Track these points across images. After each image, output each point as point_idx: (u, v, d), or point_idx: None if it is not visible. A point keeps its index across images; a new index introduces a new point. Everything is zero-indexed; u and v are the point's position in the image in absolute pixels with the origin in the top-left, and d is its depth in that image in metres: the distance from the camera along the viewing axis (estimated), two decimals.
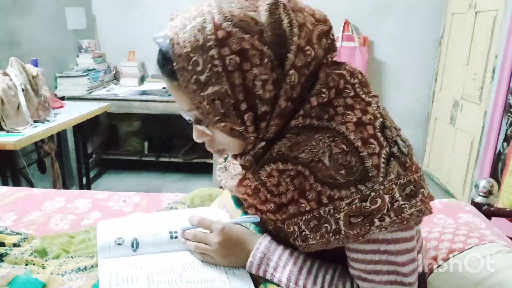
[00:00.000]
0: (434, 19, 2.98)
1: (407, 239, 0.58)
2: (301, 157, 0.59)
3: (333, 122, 0.58)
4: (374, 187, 0.55)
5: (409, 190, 0.56)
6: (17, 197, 1.24)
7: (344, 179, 0.56)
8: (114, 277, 0.66)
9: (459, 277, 0.79)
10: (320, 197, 0.58)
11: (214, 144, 0.66)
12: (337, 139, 0.57)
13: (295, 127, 0.59)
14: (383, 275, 0.59)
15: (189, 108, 0.61)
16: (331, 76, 0.60)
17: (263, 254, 0.67)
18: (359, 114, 0.59)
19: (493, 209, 1.28)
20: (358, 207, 0.56)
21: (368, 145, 0.56)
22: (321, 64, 0.60)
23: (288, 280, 0.65)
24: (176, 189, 2.87)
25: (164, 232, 0.75)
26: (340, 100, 0.60)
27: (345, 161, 0.56)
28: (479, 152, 2.29)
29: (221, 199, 0.89)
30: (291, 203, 0.62)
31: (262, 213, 0.69)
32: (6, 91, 1.77)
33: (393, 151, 0.57)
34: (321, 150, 0.58)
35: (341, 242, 0.58)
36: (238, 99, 0.56)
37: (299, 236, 0.63)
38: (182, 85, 0.57)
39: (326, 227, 0.59)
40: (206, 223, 0.71)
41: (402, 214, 0.55)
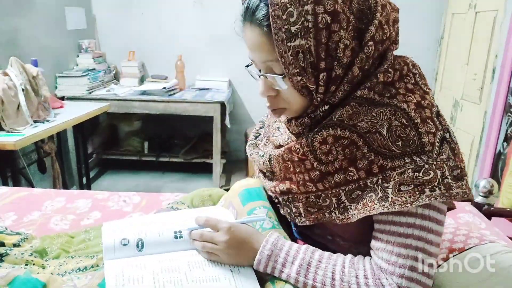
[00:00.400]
0: (434, 19, 2.98)
1: (440, 222, 0.61)
2: (360, 125, 0.62)
3: (394, 100, 0.62)
4: (428, 160, 0.58)
5: (456, 173, 0.60)
6: (17, 197, 1.25)
7: (399, 150, 0.60)
8: (120, 278, 0.66)
9: (459, 277, 0.79)
10: (371, 166, 0.61)
11: (278, 101, 0.68)
12: (398, 114, 0.61)
13: (359, 97, 0.63)
14: (410, 250, 0.60)
15: (269, 58, 0.63)
16: (397, 60, 0.65)
17: (271, 251, 0.67)
18: (419, 98, 0.63)
19: (493, 209, 1.28)
20: (410, 177, 0.59)
21: (426, 124, 0.60)
22: (389, 47, 0.65)
23: (298, 274, 0.65)
24: (176, 189, 2.87)
25: (168, 232, 0.75)
26: (402, 84, 0.64)
27: (403, 133, 0.60)
28: (479, 152, 2.29)
29: (228, 197, 0.89)
30: (338, 172, 0.65)
31: (298, 185, 0.70)
32: (6, 91, 1.77)
33: (445, 136, 0.61)
34: (380, 122, 0.61)
35: (386, 208, 0.60)
36: (319, 57, 0.60)
37: (336, 208, 0.66)
38: (273, 32, 0.60)
39: (371, 196, 0.61)
40: (212, 222, 0.72)
41: (451, 190, 0.58)
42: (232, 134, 3.27)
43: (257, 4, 0.62)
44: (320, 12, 0.57)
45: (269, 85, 0.67)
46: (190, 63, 3.08)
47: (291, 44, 0.59)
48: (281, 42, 0.59)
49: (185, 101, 2.72)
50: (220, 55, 3.16)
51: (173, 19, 3.13)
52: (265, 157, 0.77)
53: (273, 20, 0.59)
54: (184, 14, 3.12)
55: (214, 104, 2.70)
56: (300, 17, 0.58)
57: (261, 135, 0.88)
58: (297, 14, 0.58)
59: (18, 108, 1.84)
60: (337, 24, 0.58)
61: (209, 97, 2.78)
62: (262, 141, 0.85)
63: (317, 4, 0.57)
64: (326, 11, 0.58)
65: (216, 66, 3.21)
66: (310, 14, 0.57)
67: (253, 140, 0.89)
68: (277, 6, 0.58)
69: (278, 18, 0.59)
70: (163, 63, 3.17)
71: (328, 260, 0.66)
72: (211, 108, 2.71)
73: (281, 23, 0.59)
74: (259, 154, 0.80)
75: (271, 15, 0.59)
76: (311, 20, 0.58)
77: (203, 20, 3.13)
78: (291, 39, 0.59)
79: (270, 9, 0.59)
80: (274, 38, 0.60)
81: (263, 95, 0.69)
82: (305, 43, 0.59)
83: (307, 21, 0.58)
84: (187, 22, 3.13)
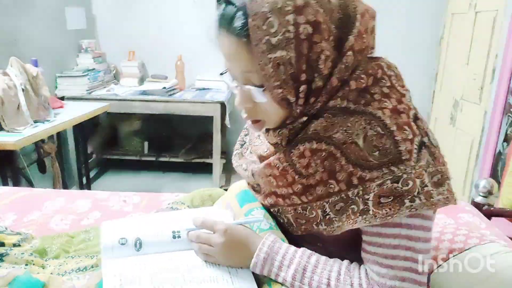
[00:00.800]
0: (434, 19, 2.97)
1: (427, 228, 0.60)
2: (335, 137, 0.61)
3: (369, 107, 0.61)
4: (406, 169, 0.57)
5: (436, 179, 0.58)
6: (17, 197, 1.24)
7: (377, 161, 0.58)
8: (117, 277, 0.66)
9: (459, 277, 0.79)
10: (350, 178, 0.60)
11: (255, 112, 0.66)
12: (373, 122, 0.59)
13: (332, 107, 0.61)
14: (399, 260, 0.60)
15: (247, 69, 0.61)
16: (371, 64, 0.63)
17: (267, 254, 0.67)
18: (395, 103, 0.61)
19: (493, 209, 1.28)
20: (389, 188, 0.57)
21: (402, 130, 0.59)
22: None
23: (293, 278, 0.65)
24: (176, 189, 2.86)
25: (167, 232, 0.75)
26: (377, 88, 0.62)
27: (380, 143, 0.58)
28: (479, 152, 2.29)
29: (225, 198, 0.89)
30: (320, 184, 0.63)
31: (284, 198, 0.70)
32: (6, 91, 1.77)
33: (424, 141, 0.59)
34: (356, 132, 0.60)
35: (368, 222, 0.59)
36: (300, 69, 0.58)
37: (322, 220, 0.65)
38: (253, 43, 0.57)
39: (353, 208, 0.60)
40: (209, 224, 0.71)
41: (431, 198, 0.57)
42: (232, 134, 3.26)
43: (234, 12, 0.59)
44: (302, 22, 0.56)
45: (247, 96, 0.64)
46: (190, 63, 3.08)
47: (271, 56, 0.57)
48: (262, 54, 0.57)
49: (185, 101, 2.72)
50: (220, 55, 3.14)
51: (173, 19, 3.13)
52: (248, 172, 0.76)
53: (252, 30, 0.57)
54: (184, 14, 3.12)
55: (214, 104, 2.70)
56: (281, 27, 0.56)
57: (246, 143, 0.86)
58: (278, 25, 0.56)
59: (18, 108, 1.84)
60: (318, 35, 0.57)
61: (209, 97, 2.78)
62: (248, 149, 0.84)
63: (299, 14, 0.55)
64: (308, 21, 0.56)
65: (216, 66, 3.18)
66: (291, 25, 0.55)
67: (238, 149, 0.87)
68: (257, 16, 0.56)
69: (258, 29, 0.56)
70: (163, 63, 3.17)
71: (324, 266, 0.65)
72: (211, 108, 2.71)
73: (261, 33, 0.56)
74: (243, 167, 0.80)
75: (250, 25, 0.56)
76: (292, 30, 0.56)
77: (203, 20, 3.12)
78: (271, 51, 0.57)
79: (250, 18, 0.56)
80: (254, 50, 0.58)
81: (240, 106, 0.67)
82: (286, 54, 0.57)
83: (288, 32, 0.56)
84: (187, 22, 3.13)
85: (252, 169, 0.74)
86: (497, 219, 1.41)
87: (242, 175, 0.81)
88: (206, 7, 3.11)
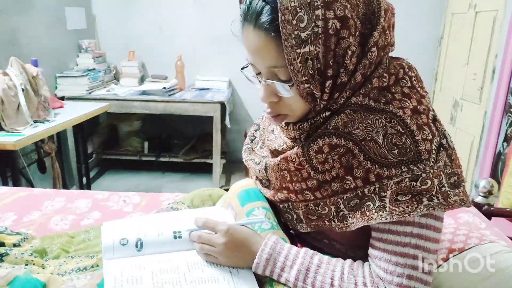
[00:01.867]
0: (434, 19, 2.98)
1: (438, 229, 0.61)
2: (355, 133, 0.61)
3: (390, 106, 0.61)
4: (425, 169, 0.57)
5: (453, 180, 0.59)
6: (17, 197, 1.24)
7: (396, 159, 0.58)
8: (118, 278, 0.66)
9: (459, 277, 0.79)
10: (367, 175, 0.60)
11: (279, 107, 0.66)
12: (393, 121, 0.60)
13: (354, 104, 0.62)
14: (408, 258, 0.60)
15: (274, 64, 0.61)
16: (393, 64, 0.63)
17: (269, 255, 0.67)
18: (415, 103, 0.62)
19: (493, 209, 1.28)
20: (407, 186, 0.58)
21: (422, 131, 0.59)
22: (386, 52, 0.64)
23: (296, 279, 0.65)
24: (176, 189, 2.87)
25: (168, 232, 0.75)
26: (398, 88, 0.63)
27: (400, 142, 0.59)
28: (479, 152, 2.29)
29: (226, 197, 0.89)
30: (335, 180, 0.64)
31: (296, 194, 0.70)
32: (6, 91, 1.77)
33: (442, 142, 0.60)
34: (376, 129, 0.60)
35: (384, 219, 0.59)
36: (327, 64, 0.58)
37: (335, 216, 0.65)
38: (282, 37, 0.57)
39: (368, 205, 0.61)
40: (210, 224, 0.71)
41: (449, 199, 0.58)
42: (232, 134, 3.27)
43: (262, 6, 0.58)
44: (331, 17, 0.56)
45: (272, 91, 0.64)
46: (190, 63, 3.08)
47: (300, 51, 0.57)
48: (291, 49, 0.57)
49: (185, 101, 2.72)
50: (220, 55, 3.16)
51: (173, 19, 3.13)
52: (261, 165, 0.76)
53: (283, 25, 0.56)
54: (184, 14, 3.12)
55: (214, 104, 2.70)
56: (310, 22, 0.56)
57: (257, 138, 0.86)
58: (307, 19, 0.56)
59: (18, 108, 1.84)
60: (346, 30, 0.57)
61: (209, 97, 2.78)
62: (258, 144, 0.84)
63: (328, 9, 0.56)
64: (336, 16, 0.56)
65: (216, 66, 3.21)
66: (320, 20, 0.56)
67: (249, 144, 0.87)
68: (287, 10, 0.56)
69: (288, 23, 0.56)
70: (163, 63, 3.17)
71: (327, 265, 0.65)
72: (211, 108, 2.71)
73: (291, 28, 0.56)
74: (255, 161, 0.79)
75: (280, 20, 0.56)
76: (321, 25, 0.56)
77: (203, 20, 3.13)
78: (301, 46, 0.57)
79: (280, 13, 0.56)
80: (284, 45, 0.57)
81: (264, 101, 0.66)
82: (314, 50, 0.57)
83: (317, 27, 0.56)
84: (187, 22, 3.13)
85: (266, 163, 0.74)
86: (497, 219, 1.41)
87: (252, 169, 0.81)
88: (206, 7, 3.11)
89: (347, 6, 0.57)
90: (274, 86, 0.63)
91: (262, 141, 0.82)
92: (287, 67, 0.59)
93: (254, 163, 0.79)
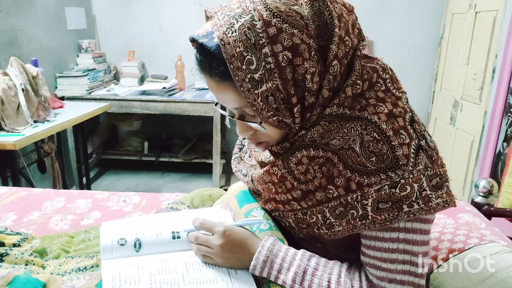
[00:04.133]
0: (434, 19, 2.98)
1: (425, 231, 0.60)
2: (332, 143, 0.60)
3: (365, 112, 0.60)
4: (404, 175, 0.57)
5: (435, 182, 0.58)
6: (17, 197, 1.25)
7: (374, 166, 0.58)
8: (116, 278, 0.66)
9: (459, 277, 0.79)
10: (348, 183, 0.60)
11: (258, 136, 0.67)
12: (369, 128, 0.59)
13: (329, 115, 0.61)
14: (398, 264, 0.60)
15: (238, 106, 0.61)
16: (366, 69, 0.62)
17: (266, 257, 0.67)
18: (390, 106, 0.61)
19: (493, 209, 1.28)
20: (387, 193, 0.57)
21: (399, 135, 0.58)
22: (355, 54, 0.62)
23: (293, 281, 0.65)
24: (176, 189, 2.87)
25: (166, 232, 0.75)
26: (372, 93, 0.62)
27: (376, 149, 0.58)
28: (479, 152, 2.29)
29: (225, 198, 0.89)
30: (319, 190, 0.63)
31: (283, 204, 0.69)
32: (6, 91, 1.77)
33: (421, 144, 0.59)
34: (352, 138, 0.59)
35: (367, 227, 0.59)
36: (289, 93, 0.58)
37: (323, 225, 0.64)
38: (237, 84, 0.57)
39: (353, 213, 0.60)
40: (208, 225, 0.71)
41: (430, 203, 0.57)
42: (232, 134, 3.27)
43: (211, 57, 0.58)
44: (279, 51, 0.55)
45: (246, 126, 0.65)
46: (190, 63, 3.06)
47: (258, 91, 0.56)
48: (248, 92, 0.57)
49: (185, 101, 2.72)
50: None
51: (173, 19, 3.13)
52: (248, 178, 0.77)
53: (234, 73, 0.56)
54: (184, 14, 3.12)
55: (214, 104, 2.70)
56: (260, 62, 0.55)
57: (245, 147, 0.86)
58: (256, 60, 0.55)
59: (18, 108, 1.84)
60: (299, 58, 0.56)
61: (209, 97, 2.77)
62: (247, 153, 0.83)
63: (274, 44, 0.54)
64: (285, 47, 0.55)
65: None
66: (269, 56, 0.55)
67: (237, 153, 0.87)
68: (234, 58, 0.55)
69: (238, 70, 0.56)
70: (163, 63, 3.17)
71: (324, 268, 0.65)
72: (211, 108, 2.71)
73: (242, 74, 0.56)
74: (243, 172, 0.80)
75: (230, 68, 0.56)
76: (272, 61, 0.55)
77: (203, 20, 3.12)
78: (257, 87, 0.56)
79: (227, 62, 0.56)
80: (240, 90, 0.57)
81: (242, 136, 0.68)
82: (272, 85, 0.56)
83: (268, 64, 0.55)
84: (187, 22, 3.13)
85: (252, 175, 0.74)
86: (497, 219, 1.41)
87: (242, 180, 0.81)
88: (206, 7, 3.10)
89: (294, 32, 0.55)
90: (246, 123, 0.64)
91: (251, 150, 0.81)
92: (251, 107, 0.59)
93: (242, 174, 0.80)
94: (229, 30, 0.56)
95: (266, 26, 0.55)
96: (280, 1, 0.56)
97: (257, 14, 0.55)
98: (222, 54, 0.56)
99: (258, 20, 0.55)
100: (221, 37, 0.56)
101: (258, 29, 0.55)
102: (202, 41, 0.58)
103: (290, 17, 0.55)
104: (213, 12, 0.61)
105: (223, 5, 0.60)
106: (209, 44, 0.58)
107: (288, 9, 0.56)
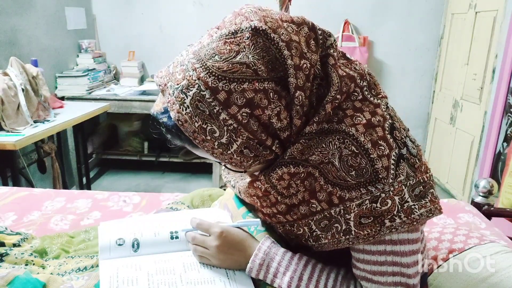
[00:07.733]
0: (434, 19, 2.98)
1: (413, 240, 0.59)
2: (312, 159, 0.59)
3: (342, 124, 0.58)
4: (384, 188, 0.56)
5: (418, 191, 0.57)
6: (17, 197, 1.25)
7: (354, 181, 0.57)
8: (114, 278, 0.66)
9: (459, 277, 0.79)
10: (331, 198, 0.59)
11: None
12: (347, 141, 0.57)
13: (308, 133, 0.59)
14: (388, 276, 0.59)
15: (221, 160, 0.62)
16: (344, 80, 0.60)
17: (262, 260, 0.67)
18: (368, 116, 0.59)
19: (493, 209, 1.28)
20: (368, 208, 0.56)
21: (377, 147, 0.57)
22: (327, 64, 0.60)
23: (289, 286, 0.64)
24: (176, 189, 2.87)
25: (164, 232, 0.75)
26: (349, 103, 0.60)
27: (355, 163, 0.57)
28: (479, 152, 2.29)
29: (222, 199, 0.89)
30: (302, 204, 0.62)
31: (270, 217, 0.69)
32: (6, 91, 1.77)
33: (402, 153, 0.57)
34: (331, 152, 0.58)
35: (351, 243, 0.59)
36: (261, 140, 0.57)
37: (310, 237, 0.64)
38: (208, 153, 0.59)
39: (337, 227, 0.60)
40: (205, 226, 0.71)
41: (412, 215, 0.56)
42: None
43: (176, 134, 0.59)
44: (236, 111, 0.54)
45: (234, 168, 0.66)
46: None
47: (231, 151, 0.57)
48: (222, 156, 0.58)
49: None
50: None
51: (173, 19, 3.13)
52: (236, 190, 0.77)
53: (201, 145, 0.57)
54: (184, 14, 3.12)
55: None
56: (222, 127, 0.55)
57: None
58: (218, 128, 0.55)
59: (18, 108, 1.84)
60: (258, 109, 0.55)
61: None
62: None
63: (229, 107, 0.54)
64: (241, 106, 0.54)
65: None
66: (228, 119, 0.55)
67: None
68: (196, 133, 0.56)
69: (204, 141, 0.57)
70: (163, 63, 3.14)
71: (320, 274, 0.65)
72: None
73: (210, 144, 0.57)
74: (231, 184, 0.80)
75: (197, 143, 0.58)
76: (233, 122, 0.55)
77: (203, 20, 3.13)
78: (228, 148, 0.57)
79: (192, 138, 0.57)
80: (213, 157, 0.59)
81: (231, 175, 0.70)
82: (242, 140, 0.56)
83: (230, 125, 0.55)
84: (187, 22, 3.13)
85: (239, 187, 0.74)
86: (497, 219, 1.41)
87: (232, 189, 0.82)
88: (206, 7, 3.11)
89: (244, 87, 0.53)
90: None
91: None
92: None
93: (231, 185, 0.80)
94: (182, 107, 0.56)
95: (215, 94, 0.54)
96: (221, 58, 0.54)
97: (202, 83, 0.54)
98: (184, 133, 0.57)
99: (205, 90, 0.54)
100: (177, 118, 0.56)
101: (208, 99, 0.54)
102: (163, 120, 0.60)
103: (235, 73, 0.53)
104: (163, 84, 0.60)
105: (170, 71, 0.59)
106: (170, 123, 0.59)
107: (231, 65, 0.53)
